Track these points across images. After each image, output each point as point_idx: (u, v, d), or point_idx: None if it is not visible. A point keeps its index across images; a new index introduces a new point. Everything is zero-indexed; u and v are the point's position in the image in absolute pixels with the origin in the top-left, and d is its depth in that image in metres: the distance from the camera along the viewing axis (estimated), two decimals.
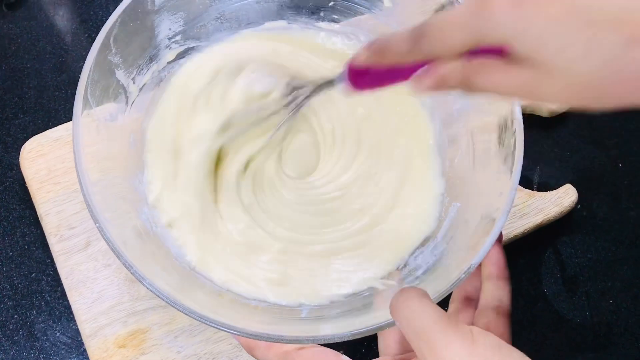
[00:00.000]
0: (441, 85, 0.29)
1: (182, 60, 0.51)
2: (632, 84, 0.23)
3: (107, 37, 0.42)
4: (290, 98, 0.44)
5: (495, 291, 0.38)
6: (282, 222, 0.47)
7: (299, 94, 0.43)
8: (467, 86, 0.28)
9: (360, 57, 0.32)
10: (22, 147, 0.52)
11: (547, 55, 0.24)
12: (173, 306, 0.35)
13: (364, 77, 0.33)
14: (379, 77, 0.33)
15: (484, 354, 0.28)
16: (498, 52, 0.26)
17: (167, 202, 0.46)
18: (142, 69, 0.48)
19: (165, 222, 0.46)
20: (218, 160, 0.48)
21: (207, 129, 0.47)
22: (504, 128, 0.42)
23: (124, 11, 0.43)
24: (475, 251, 0.37)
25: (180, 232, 0.46)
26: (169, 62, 0.50)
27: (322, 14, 0.53)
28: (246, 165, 0.48)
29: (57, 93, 0.59)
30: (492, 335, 0.29)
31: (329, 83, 0.39)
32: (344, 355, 0.36)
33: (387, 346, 0.38)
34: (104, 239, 0.37)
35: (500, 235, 0.38)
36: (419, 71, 0.29)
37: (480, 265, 0.39)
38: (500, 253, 0.40)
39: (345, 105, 0.51)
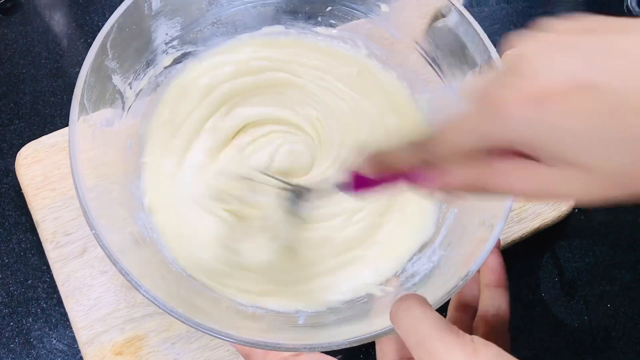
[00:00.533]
0: (449, 189, 0.27)
1: (179, 65, 0.51)
2: None
3: (103, 42, 0.42)
4: (290, 195, 0.42)
5: (494, 299, 0.38)
6: (271, 225, 0.47)
7: (298, 195, 0.42)
8: (483, 189, 0.26)
9: (362, 169, 0.31)
10: (18, 153, 0.52)
11: (581, 157, 0.22)
12: (169, 313, 0.35)
13: (364, 182, 0.32)
14: (380, 180, 0.32)
15: None
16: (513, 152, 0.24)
17: (165, 205, 0.46)
18: (138, 74, 0.48)
19: (161, 227, 0.46)
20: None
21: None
22: None
23: (120, 16, 0.43)
24: (473, 258, 0.37)
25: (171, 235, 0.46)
26: (165, 67, 0.50)
27: (319, 18, 0.53)
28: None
29: (53, 99, 0.59)
30: (493, 346, 0.29)
31: (327, 190, 0.38)
32: None
33: (384, 353, 0.38)
34: (100, 245, 0.37)
35: (498, 241, 0.38)
36: (424, 176, 0.28)
37: (478, 271, 0.38)
38: (499, 260, 0.40)
39: (342, 113, 0.51)
